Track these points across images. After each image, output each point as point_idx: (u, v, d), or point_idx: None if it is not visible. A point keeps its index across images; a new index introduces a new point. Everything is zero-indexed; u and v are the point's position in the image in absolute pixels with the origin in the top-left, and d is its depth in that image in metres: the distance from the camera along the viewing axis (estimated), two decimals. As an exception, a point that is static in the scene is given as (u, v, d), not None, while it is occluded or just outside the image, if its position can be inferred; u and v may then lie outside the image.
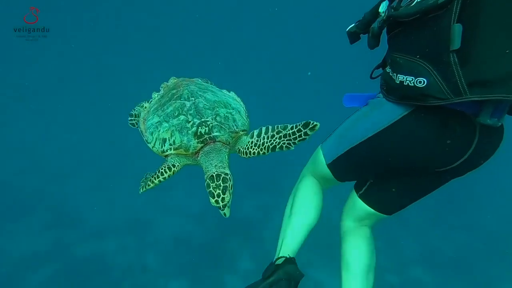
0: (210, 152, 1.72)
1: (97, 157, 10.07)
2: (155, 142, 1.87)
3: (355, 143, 1.53)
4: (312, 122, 1.62)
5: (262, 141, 1.72)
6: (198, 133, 1.73)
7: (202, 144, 1.74)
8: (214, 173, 1.60)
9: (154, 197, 9.20)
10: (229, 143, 1.80)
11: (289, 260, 1.57)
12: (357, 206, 1.77)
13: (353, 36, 1.65)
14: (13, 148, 9.73)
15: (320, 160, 1.73)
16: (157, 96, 2.22)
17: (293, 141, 1.64)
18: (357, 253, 1.69)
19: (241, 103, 2.13)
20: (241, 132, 1.86)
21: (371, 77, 1.63)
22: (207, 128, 1.74)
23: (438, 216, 8.08)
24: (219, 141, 1.75)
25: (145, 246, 6.82)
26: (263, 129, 1.78)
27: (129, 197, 8.29)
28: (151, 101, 2.26)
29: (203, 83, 2.28)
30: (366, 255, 1.69)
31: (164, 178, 1.84)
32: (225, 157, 1.73)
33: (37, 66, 12.90)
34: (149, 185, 1.88)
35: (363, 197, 1.74)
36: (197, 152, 1.77)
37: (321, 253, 6.38)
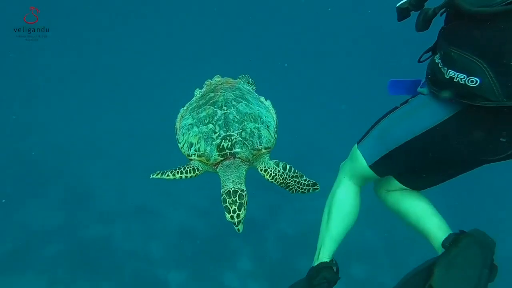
0: (229, 167, 1.76)
1: (116, 144, 10.04)
2: (184, 143, 1.92)
3: (401, 142, 1.51)
4: (317, 185, 1.87)
5: (286, 176, 1.85)
6: (221, 146, 1.76)
7: (222, 158, 1.77)
8: (231, 188, 1.63)
9: (164, 188, 9.32)
10: (249, 160, 1.82)
11: (327, 266, 1.68)
12: (391, 183, 1.80)
13: (403, 13, 1.53)
14: (37, 127, 10.24)
15: (360, 162, 1.71)
16: (199, 94, 2.25)
17: (300, 190, 1.88)
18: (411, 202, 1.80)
19: (274, 115, 2.11)
20: (264, 150, 1.87)
21: (419, 61, 1.56)
22: (230, 143, 1.76)
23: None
24: (239, 158, 1.78)
25: (150, 235, 6.96)
26: (288, 166, 1.89)
27: (140, 186, 8.25)
28: (192, 99, 2.31)
29: (243, 87, 2.26)
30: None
31: (186, 177, 1.88)
32: (243, 173, 1.77)
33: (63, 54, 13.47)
34: (167, 175, 1.90)
35: (397, 177, 1.77)
36: (216, 164, 1.81)
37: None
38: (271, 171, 1.85)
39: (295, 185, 1.85)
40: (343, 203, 1.79)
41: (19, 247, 5.80)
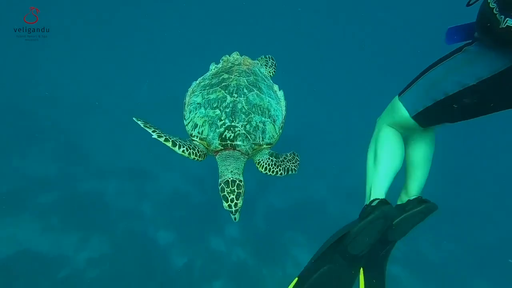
0: (228, 157, 1.75)
1: (116, 104, 10.11)
2: (189, 122, 1.88)
3: (450, 93, 1.43)
4: (295, 152, 2.10)
5: (279, 162, 1.90)
6: (223, 136, 1.75)
7: (222, 148, 1.77)
8: (230, 178, 1.65)
9: (160, 152, 9.39)
10: (248, 154, 1.80)
11: (383, 201, 1.57)
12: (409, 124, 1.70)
13: None
14: (39, 80, 10.11)
15: (401, 113, 1.65)
16: (214, 69, 2.18)
17: (296, 164, 2.00)
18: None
19: (283, 108, 2.05)
20: (265, 146, 1.85)
21: (467, 5, 1.40)
22: (232, 134, 1.74)
23: (432, 224, 7.96)
24: (238, 150, 1.76)
25: (144, 195, 7.09)
26: (274, 153, 1.95)
27: (138, 148, 8.36)
28: (206, 74, 2.23)
29: (259, 71, 2.17)
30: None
31: (193, 158, 1.77)
32: (242, 165, 1.76)
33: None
34: (170, 143, 1.73)
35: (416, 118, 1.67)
36: (216, 152, 1.80)
37: (308, 233, 6.51)
38: (263, 163, 1.87)
39: (290, 164, 1.96)
40: (388, 142, 1.74)
41: (15, 191, 5.89)
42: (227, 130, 1.75)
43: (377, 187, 1.65)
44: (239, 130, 1.76)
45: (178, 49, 14.29)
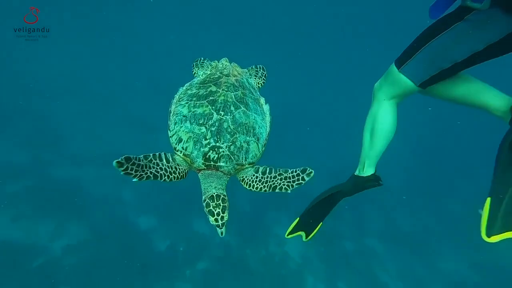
0: (211, 175, 1.78)
1: (90, 87, 9.66)
2: (174, 134, 1.86)
3: (459, 60, 1.52)
4: (308, 169, 1.82)
5: (266, 179, 1.82)
6: (207, 156, 1.76)
7: (205, 168, 1.79)
8: (214, 193, 1.67)
9: (138, 136, 9.08)
10: (231, 174, 1.83)
11: (375, 176, 1.96)
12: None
13: None
14: (5, 63, 9.36)
15: (405, 84, 1.73)
16: (202, 76, 2.16)
17: (291, 183, 1.80)
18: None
19: (268, 124, 2.05)
20: (247, 165, 1.88)
21: None
22: (216, 155, 1.76)
23: (408, 198, 8.45)
24: (221, 171, 1.79)
25: (123, 181, 6.85)
26: (268, 169, 1.87)
27: (113, 132, 8.27)
28: (194, 80, 2.20)
29: (247, 82, 2.15)
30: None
31: (169, 176, 1.74)
32: (225, 182, 1.80)
33: None
34: (152, 178, 1.69)
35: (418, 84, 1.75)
36: (199, 170, 1.81)
37: (290, 213, 6.65)
38: (247, 179, 1.86)
39: (283, 182, 1.80)
40: (385, 122, 1.86)
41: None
42: (211, 151, 1.76)
43: (371, 163, 1.93)
44: (223, 151, 1.77)
45: (172, 48, 13.97)
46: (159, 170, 1.70)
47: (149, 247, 5.43)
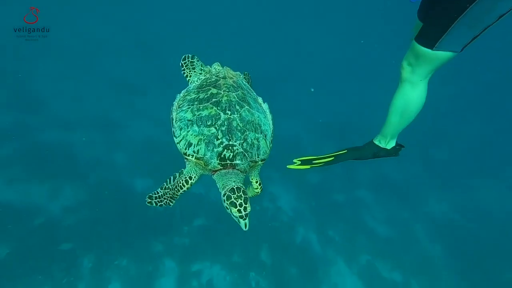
0: (228, 173, 1.77)
1: (69, 46, 9.23)
2: (181, 140, 1.84)
3: (489, 24, 1.53)
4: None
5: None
6: (222, 155, 1.75)
7: (221, 167, 1.77)
8: (234, 186, 1.65)
9: (128, 100, 8.78)
10: (246, 171, 1.84)
11: (399, 145, 2.06)
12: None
13: None
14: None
15: (444, 56, 1.70)
16: (197, 82, 2.12)
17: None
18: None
19: (270, 121, 2.09)
20: (260, 162, 1.89)
21: None
22: (231, 154, 1.75)
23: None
24: (238, 169, 1.79)
25: (115, 144, 6.82)
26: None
27: (97, 94, 8.03)
28: (190, 86, 2.17)
29: (243, 83, 2.16)
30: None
31: (183, 191, 1.86)
32: (242, 179, 1.81)
33: None
34: (166, 203, 1.93)
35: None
36: (214, 171, 1.79)
37: (282, 170, 6.76)
38: (260, 180, 1.96)
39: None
40: (420, 102, 1.89)
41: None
42: (225, 150, 1.75)
43: (395, 136, 2.03)
44: (237, 149, 1.77)
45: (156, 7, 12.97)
46: (168, 197, 1.91)
47: (147, 207, 5.55)
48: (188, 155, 1.79)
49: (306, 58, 14.13)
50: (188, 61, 2.19)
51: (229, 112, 1.83)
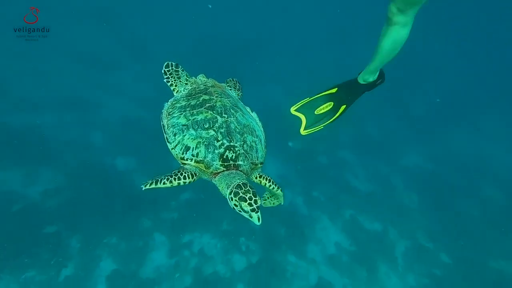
0: (230, 174, 1.72)
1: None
2: (176, 144, 1.78)
3: None
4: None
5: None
6: (225, 157, 1.71)
7: (224, 168, 1.72)
8: (239, 182, 1.60)
9: (96, 75, 8.12)
10: (247, 173, 1.80)
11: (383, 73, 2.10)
12: None
13: None
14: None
15: None
16: (184, 91, 2.10)
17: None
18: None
19: (261, 128, 2.09)
20: (259, 165, 1.88)
21: None
22: (234, 154, 1.73)
23: (377, 107, 8.82)
24: (240, 170, 1.75)
25: (90, 125, 6.47)
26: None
27: (67, 72, 7.51)
28: (177, 95, 2.13)
29: (231, 93, 2.20)
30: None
31: (184, 183, 1.73)
32: (245, 178, 1.75)
33: None
34: (163, 184, 1.71)
35: None
36: (216, 173, 1.73)
37: (268, 138, 6.74)
38: (265, 175, 1.91)
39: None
40: (403, 40, 1.89)
41: None
42: (227, 151, 1.72)
43: (381, 67, 2.03)
44: (238, 150, 1.75)
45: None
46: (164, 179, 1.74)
47: (131, 186, 5.45)
48: (186, 160, 1.72)
49: (286, 25, 13.60)
50: (172, 69, 2.14)
51: (226, 116, 1.83)
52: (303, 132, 2.13)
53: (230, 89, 2.28)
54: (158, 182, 1.71)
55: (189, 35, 11.50)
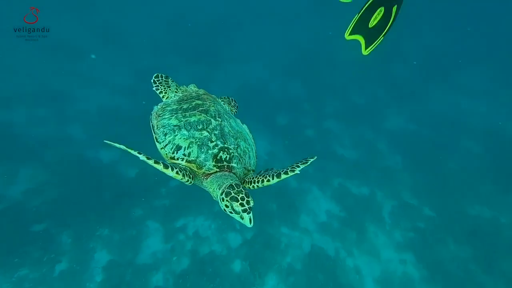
0: (223, 176, 1.67)
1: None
2: (166, 144, 1.74)
3: None
4: (309, 158, 1.77)
5: (266, 173, 1.76)
6: (218, 157, 1.68)
7: (217, 169, 1.67)
8: (231, 183, 1.57)
9: (68, 66, 7.61)
10: (240, 177, 1.76)
11: None
12: None
13: None
14: None
15: None
16: (175, 97, 2.12)
17: (295, 166, 1.72)
18: None
19: (252, 140, 2.07)
20: (251, 172, 1.86)
21: None
22: (228, 156, 1.71)
23: (361, 71, 8.83)
24: (234, 173, 1.71)
25: (67, 118, 6.13)
26: (268, 169, 1.83)
27: (36, 64, 7.07)
28: (167, 100, 2.14)
29: (223, 105, 2.20)
30: None
31: (180, 178, 1.60)
32: (238, 181, 1.68)
33: None
34: (161, 166, 1.54)
35: None
36: (207, 175, 1.67)
37: (256, 118, 6.65)
38: (249, 179, 1.78)
39: (285, 169, 1.73)
40: None
41: None
42: (221, 152, 1.69)
43: None
44: (232, 152, 1.72)
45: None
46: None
47: (118, 177, 5.33)
48: (177, 159, 1.65)
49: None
50: (162, 79, 2.20)
51: (220, 119, 1.81)
52: (366, 51, 2.01)
53: (224, 104, 2.27)
54: (168, 168, 1.54)
55: (163, 16, 10.90)
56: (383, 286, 4.49)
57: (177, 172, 1.55)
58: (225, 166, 1.70)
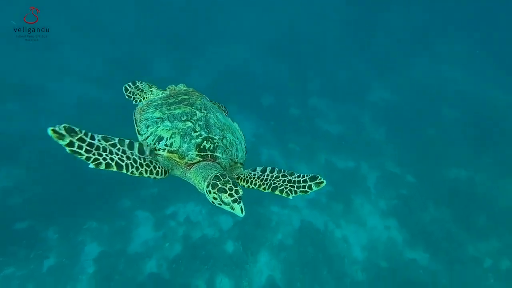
0: (207, 166, 1.59)
1: None
2: (148, 136, 1.68)
3: None
4: (319, 178, 1.62)
5: (266, 177, 1.70)
6: (202, 146, 1.63)
7: (200, 159, 1.61)
8: (216, 173, 1.51)
9: (40, 58, 7.21)
10: (226, 169, 1.68)
11: None
12: None
13: None
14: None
15: None
16: (161, 94, 2.07)
17: (295, 189, 1.63)
18: None
19: (242, 136, 2.01)
20: (239, 164, 1.81)
21: None
22: (212, 145, 1.65)
23: (341, 50, 8.82)
24: (218, 163, 1.64)
25: (42, 112, 5.84)
26: (268, 168, 1.73)
27: (4, 58, 6.50)
28: (153, 97, 2.08)
29: (212, 103, 2.12)
30: None
31: (154, 178, 1.51)
32: (223, 171, 1.60)
33: None
34: (127, 170, 1.39)
35: None
36: (190, 165, 1.62)
37: (241, 103, 6.54)
38: (245, 176, 1.70)
39: (287, 185, 1.64)
40: None
41: None
42: (205, 141, 1.64)
43: None
44: (217, 142, 1.66)
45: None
46: (124, 159, 1.40)
47: (102, 170, 5.18)
48: (158, 150, 1.58)
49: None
50: (132, 88, 2.10)
51: (205, 111, 1.75)
52: None
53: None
54: (122, 167, 1.38)
55: (138, 2, 10.34)
56: (369, 252, 4.69)
57: (132, 172, 1.40)
58: (209, 155, 1.64)
